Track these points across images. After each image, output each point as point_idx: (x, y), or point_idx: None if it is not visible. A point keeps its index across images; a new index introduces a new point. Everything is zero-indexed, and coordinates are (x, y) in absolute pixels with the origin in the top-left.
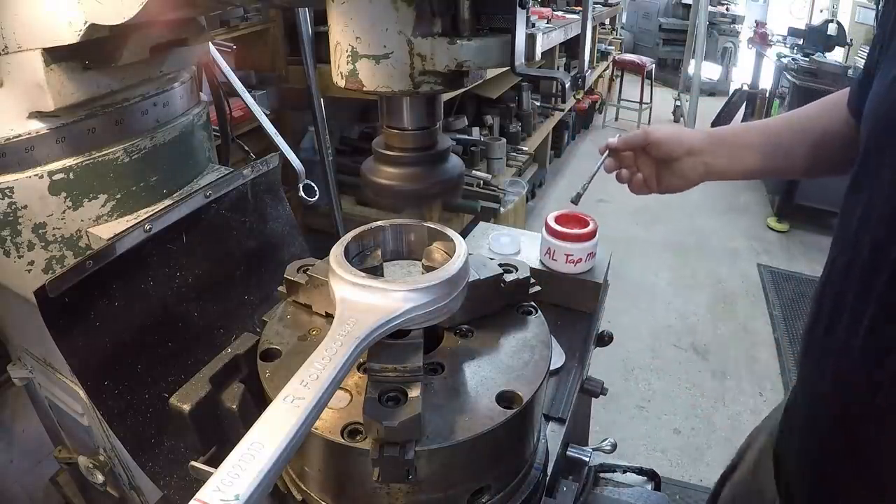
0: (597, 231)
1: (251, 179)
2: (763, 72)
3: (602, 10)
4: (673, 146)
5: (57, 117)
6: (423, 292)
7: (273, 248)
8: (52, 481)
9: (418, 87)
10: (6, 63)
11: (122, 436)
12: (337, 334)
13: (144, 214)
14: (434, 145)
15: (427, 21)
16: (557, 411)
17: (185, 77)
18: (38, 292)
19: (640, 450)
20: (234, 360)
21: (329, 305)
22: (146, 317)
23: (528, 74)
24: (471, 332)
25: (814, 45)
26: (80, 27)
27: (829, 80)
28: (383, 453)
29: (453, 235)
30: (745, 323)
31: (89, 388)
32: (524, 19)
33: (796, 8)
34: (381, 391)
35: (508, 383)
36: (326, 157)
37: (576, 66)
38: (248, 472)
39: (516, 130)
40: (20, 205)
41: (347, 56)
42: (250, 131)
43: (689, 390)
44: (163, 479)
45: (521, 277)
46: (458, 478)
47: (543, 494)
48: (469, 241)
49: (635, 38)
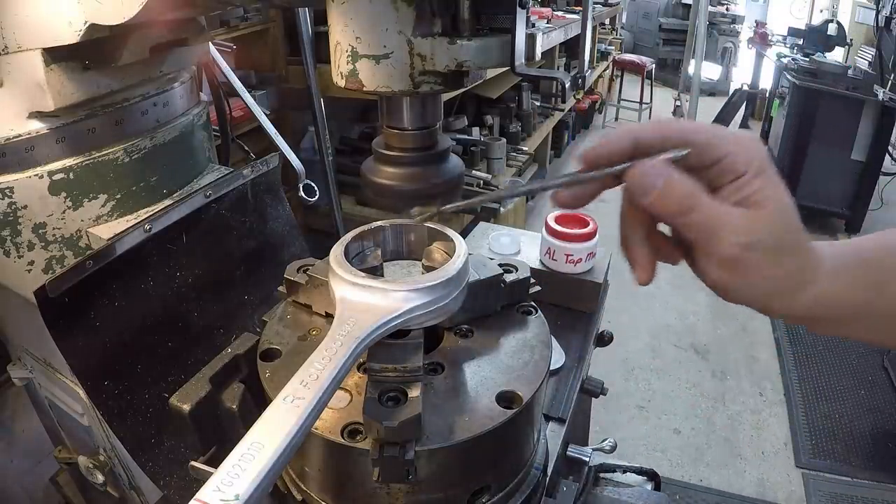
0: (597, 231)
1: (251, 179)
2: (763, 72)
3: (602, 10)
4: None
5: (57, 117)
6: (424, 292)
7: (273, 248)
8: (52, 481)
9: (418, 87)
10: (6, 63)
11: (122, 436)
12: (337, 334)
13: (144, 214)
14: (434, 145)
15: (427, 21)
16: (557, 411)
17: (185, 77)
18: (38, 292)
19: (640, 450)
20: (234, 360)
21: (329, 305)
22: (146, 317)
23: (528, 74)
24: (471, 332)
25: (814, 45)
26: (80, 27)
27: (830, 80)
28: (383, 453)
29: (453, 235)
30: (745, 323)
31: (89, 388)
32: (524, 19)
33: (796, 8)
34: (381, 391)
35: (508, 383)
36: (326, 157)
37: (576, 66)
38: (248, 472)
39: (516, 130)
40: (20, 205)
41: (347, 56)
42: (250, 131)
43: (689, 390)
44: (163, 479)
45: (521, 277)
46: (458, 478)
47: (543, 494)
48: (469, 241)
49: (635, 38)
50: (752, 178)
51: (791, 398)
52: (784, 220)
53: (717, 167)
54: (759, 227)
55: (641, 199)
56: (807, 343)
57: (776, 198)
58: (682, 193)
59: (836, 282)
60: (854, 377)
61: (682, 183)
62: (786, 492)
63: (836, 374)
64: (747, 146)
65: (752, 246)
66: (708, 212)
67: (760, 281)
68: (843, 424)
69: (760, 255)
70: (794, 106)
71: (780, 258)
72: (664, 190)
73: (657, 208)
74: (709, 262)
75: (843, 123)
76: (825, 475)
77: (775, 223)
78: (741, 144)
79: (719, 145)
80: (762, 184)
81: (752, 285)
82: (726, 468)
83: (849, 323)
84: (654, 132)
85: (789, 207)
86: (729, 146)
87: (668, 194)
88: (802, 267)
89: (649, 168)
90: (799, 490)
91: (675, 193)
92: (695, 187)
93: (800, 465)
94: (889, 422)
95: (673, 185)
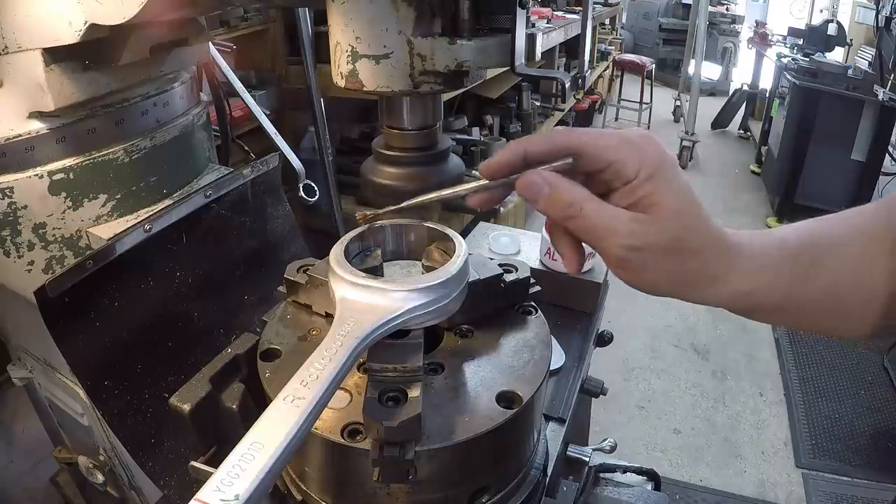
0: None
1: (251, 179)
2: (763, 72)
3: (602, 10)
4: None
5: (57, 117)
6: (424, 292)
7: (273, 248)
8: (52, 481)
9: (418, 87)
10: (6, 63)
11: (122, 436)
12: (337, 334)
13: (144, 214)
14: (434, 145)
15: (427, 21)
16: (557, 411)
17: (185, 77)
18: (38, 292)
19: (640, 450)
20: (234, 360)
21: (329, 305)
22: (146, 317)
23: (528, 74)
24: (471, 332)
25: (814, 45)
26: (80, 27)
27: (830, 80)
28: (383, 453)
29: (453, 235)
30: (745, 323)
31: (89, 388)
32: (524, 19)
33: (796, 8)
34: (381, 391)
35: (508, 383)
36: (326, 157)
37: (576, 66)
38: (248, 472)
39: (516, 130)
40: (20, 205)
41: (347, 56)
42: (250, 131)
43: (689, 390)
44: (163, 479)
45: (521, 277)
46: (458, 478)
47: (543, 494)
48: (469, 241)
49: (635, 38)
50: (641, 182)
51: (791, 398)
52: (679, 221)
53: (607, 171)
54: (646, 230)
55: (534, 205)
56: (807, 343)
57: (669, 200)
58: (565, 201)
59: (758, 277)
60: (854, 377)
61: (565, 190)
62: (786, 492)
63: (836, 374)
64: (638, 149)
65: (637, 248)
66: (593, 217)
67: (657, 278)
68: (843, 424)
69: (649, 256)
70: (794, 106)
71: (677, 258)
72: (550, 197)
73: (547, 213)
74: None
75: (843, 123)
76: (825, 475)
77: (666, 225)
78: (633, 148)
79: (605, 152)
80: (653, 188)
81: (649, 282)
82: (726, 468)
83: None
84: (541, 144)
85: (687, 208)
86: (616, 153)
87: (553, 201)
88: (707, 264)
89: (533, 177)
90: (799, 490)
91: (560, 200)
92: (580, 194)
93: (800, 465)
94: (889, 422)
95: (557, 193)
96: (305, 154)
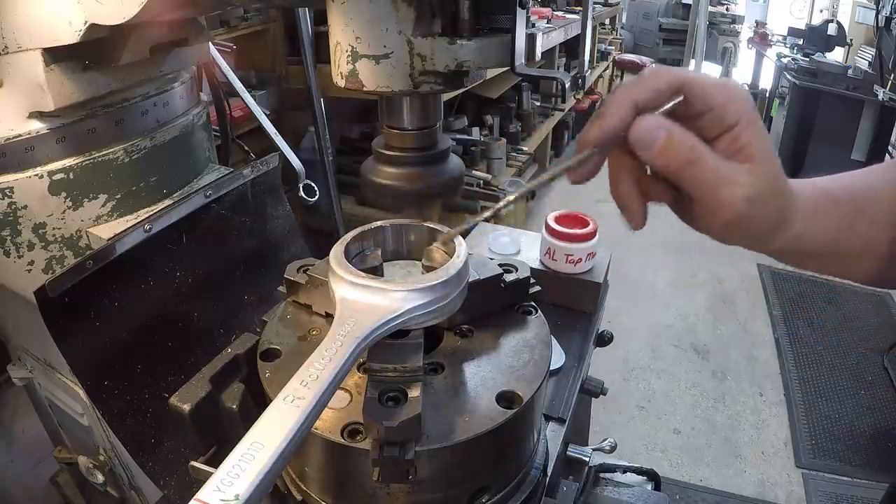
0: (597, 231)
1: (251, 179)
2: (763, 72)
3: (602, 10)
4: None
5: (57, 117)
6: (424, 292)
7: (273, 248)
8: (52, 481)
9: (418, 87)
10: (6, 63)
11: (122, 436)
12: (337, 334)
13: (144, 214)
14: (434, 145)
15: (427, 21)
16: (557, 411)
17: (185, 77)
18: (38, 292)
19: (640, 450)
20: (234, 360)
21: (329, 305)
22: (146, 317)
23: (528, 74)
24: (471, 332)
25: (814, 45)
26: (80, 27)
27: (829, 80)
28: (383, 453)
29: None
30: (745, 323)
31: (89, 388)
32: (524, 19)
33: (796, 8)
34: (381, 391)
35: (508, 383)
36: (326, 157)
37: (576, 66)
38: (248, 472)
39: (516, 130)
40: (20, 205)
41: (347, 56)
42: (250, 131)
43: (689, 390)
44: (163, 479)
45: (521, 277)
46: (458, 478)
47: (543, 494)
48: (469, 241)
49: (635, 38)
50: (743, 129)
51: (791, 398)
52: (773, 167)
53: (707, 116)
54: (758, 180)
55: (644, 154)
56: (807, 343)
57: (766, 148)
58: (686, 145)
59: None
60: (854, 377)
61: (683, 136)
62: (786, 492)
63: (836, 374)
64: (736, 96)
65: (753, 199)
66: (712, 165)
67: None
68: (843, 424)
69: (760, 205)
70: (794, 106)
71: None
72: (667, 142)
73: (660, 162)
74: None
75: (843, 123)
76: (825, 475)
77: (768, 173)
78: (729, 94)
79: (709, 95)
80: (753, 135)
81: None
82: (726, 468)
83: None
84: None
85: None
86: (719, 97)
87: (671, 146)
88: (783, 209)
89: (649, 121)
90: (799, 490)
91: (680, 144)
92: (695, 140)
93: (800, 465)
94: (889, 422)
95: (678, 137)
96: (305, 154)
